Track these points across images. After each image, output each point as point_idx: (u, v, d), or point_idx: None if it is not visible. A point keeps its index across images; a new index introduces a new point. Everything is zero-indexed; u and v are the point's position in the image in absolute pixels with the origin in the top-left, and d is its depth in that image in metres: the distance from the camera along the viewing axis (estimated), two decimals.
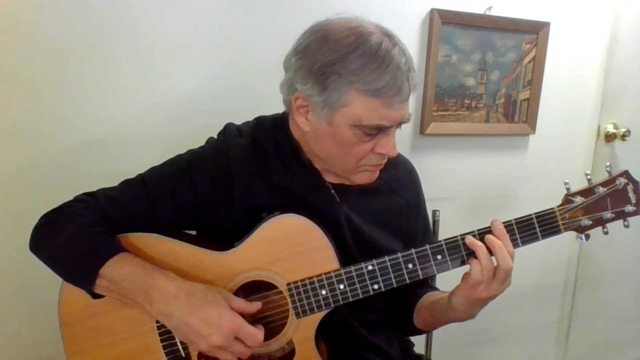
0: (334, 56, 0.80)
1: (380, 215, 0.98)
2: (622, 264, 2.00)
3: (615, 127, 1.86)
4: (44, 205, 0.91)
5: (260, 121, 0.99)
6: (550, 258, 1.88)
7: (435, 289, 1.07)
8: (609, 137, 1.87)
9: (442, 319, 0.96)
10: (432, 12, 1.44)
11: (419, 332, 1.06)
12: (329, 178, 0.96)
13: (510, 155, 1.71)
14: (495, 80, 1.58)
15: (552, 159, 1.76)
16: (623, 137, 1.83)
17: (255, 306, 0.85)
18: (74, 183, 0.93)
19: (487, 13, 1.52)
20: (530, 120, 1.66)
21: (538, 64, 1.62)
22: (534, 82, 1.63)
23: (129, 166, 0.97)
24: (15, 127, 1.12)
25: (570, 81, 1.73)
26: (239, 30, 1.26)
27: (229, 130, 0.97)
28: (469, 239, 0.84)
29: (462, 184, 1.66)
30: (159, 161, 0.96)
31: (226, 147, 0.94)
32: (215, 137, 0.99)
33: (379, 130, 0.84)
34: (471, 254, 0.84)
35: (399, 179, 1.02)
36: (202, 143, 0.98)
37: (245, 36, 1.27)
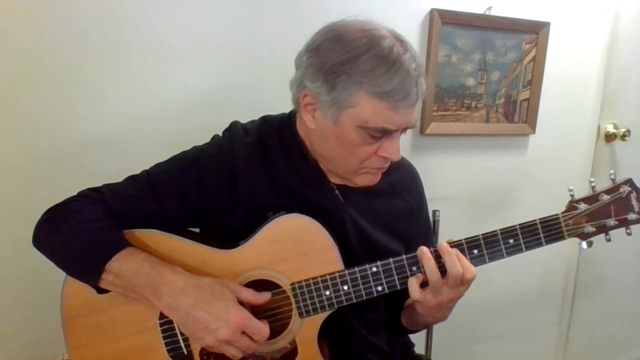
0: (345, 57, 0.81)
1: (384, 217, 0.98)
2: (621, 265, 1.99)
3: (615, 127, 1.85)
4: (45, 204, 0.91)
5: (266, 120, 0.99)
6: (550, 259, 1.87)
7: None
8: (609, 137, 1.86)
9: (417, 320, 0.98)
10: (432, 12, 1.44)
11: (408, 331, 1.07)
12: (334, 179, 0.96)
13: (510, 155, 1.71)
14: (495, 80, 1.58)
15: (552, 159, 1.76)
16: (623, 137, 1.83)
17: (264, 297, 0.85)
18: (76, 181, 0.94)
19: (487, 13, 1.52)
20: (530, 120, 1.66)
21: (538, 64, 1.62)
22: (534, 82, 1.63)
23: (131, 164, 0.97)
24: (16, 124, 1.12)
25: (570, 81, 1.73)
26: (241, 29, 1.26)
27: (234, 128, 0.97)
28: (420, 250, 0.84)
29: (462, 184, 1.66)
30: (160, 159, 0.96)
31: (232, 144, 0.94)
32: (221, 134, 0.99)
33: (384, 134, 0.84)
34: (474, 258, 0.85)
35: (402, 182, 1.02)
36: (203, 141, 0.98)
37: (247, 35, 1.27)
